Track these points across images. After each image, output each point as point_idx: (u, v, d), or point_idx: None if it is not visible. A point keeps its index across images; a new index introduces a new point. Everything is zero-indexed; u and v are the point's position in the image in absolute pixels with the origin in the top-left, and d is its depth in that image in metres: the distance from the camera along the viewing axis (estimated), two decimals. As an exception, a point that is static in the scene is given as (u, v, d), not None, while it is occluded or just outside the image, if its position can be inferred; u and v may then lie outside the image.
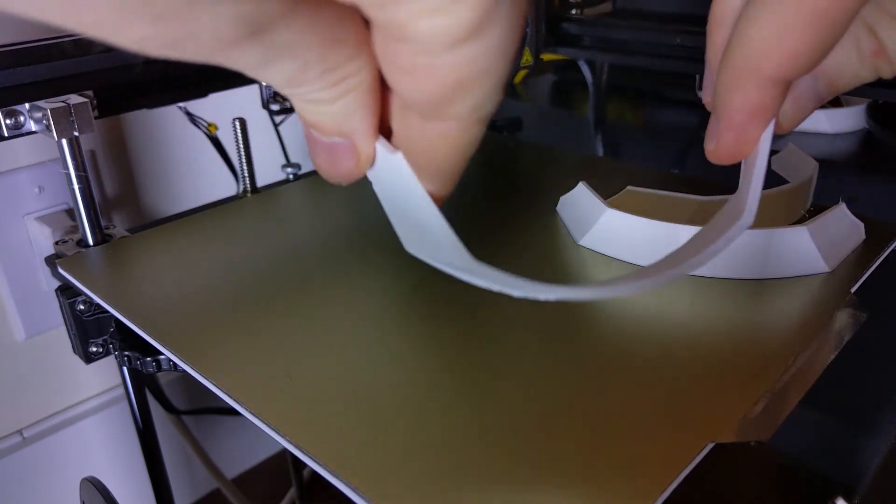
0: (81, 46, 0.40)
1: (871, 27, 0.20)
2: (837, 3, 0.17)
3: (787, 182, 0.38)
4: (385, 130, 0.17)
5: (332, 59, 0.14)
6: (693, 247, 0.20)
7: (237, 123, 0.47)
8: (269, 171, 0.58)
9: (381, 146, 0.17)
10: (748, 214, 0.20)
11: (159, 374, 0.53)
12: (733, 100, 0.20)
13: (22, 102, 0.38)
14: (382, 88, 0.16)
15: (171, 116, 0.62)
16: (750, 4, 0.18)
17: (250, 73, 0.14)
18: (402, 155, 0.16)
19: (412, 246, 0.19)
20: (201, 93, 0.48)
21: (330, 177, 0.17)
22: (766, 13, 0.18)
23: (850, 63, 0.21)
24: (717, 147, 0.21)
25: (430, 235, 0.17)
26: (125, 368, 0.43)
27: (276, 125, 0.62)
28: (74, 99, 0.38)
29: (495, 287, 0.18)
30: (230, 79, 0.49)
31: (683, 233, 0.33)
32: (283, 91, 0.15)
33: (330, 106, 0.15)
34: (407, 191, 0.17)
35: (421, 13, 0.12)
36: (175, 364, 0.30)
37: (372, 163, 0.17)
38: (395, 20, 0.13)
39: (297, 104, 0.16)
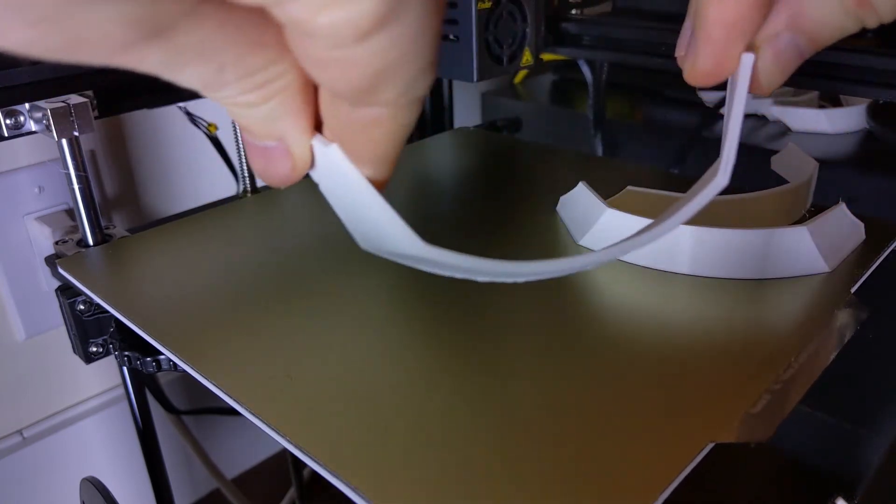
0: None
1: None
2: None
3: (787, 182, 0.38)
4: (319, 124, 0.17)
5: (251, 62, 0.14)
6: (668, 212, 0.20)
7: (237, 123, 0.47)
8: (269, 170, 0.58)
9: (317, 142, 0.16)
10: (722, 176, 0.19)
11: (159, 374, 0.53)
12: (710, 12, 0.19)
13: (22, 102, 0.38)
14: (314, 83, 0.16)
15: (171, 116, 0.62)
16: None
17: (162, 76, 0.14)
18: (337, 146, 0.16)
19: (366, 242, 0.18)
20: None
21: (268, 180, 0.17)
22: None
23: (833, 15, 0.20)
24: (695, 65, 0.20)
25: (378, 226, 0.17)
26: (125, 368, 0.43)
27: (275, 125, 0.62)
28: (74, 99, 0.38)
29: (458, 274, 0.18)
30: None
31: (683, 233, 0.33)
32: (205, 95, 0.15)
33: (257, 109, 0.15)
34: (348, 183, 0.16)
35: (317, 8, 0.12)
36: (175, 364, 0.30)
37: (310, 165, 0.17)
38: (293, 18, 0.12)
39: (226, 108, 0.16)
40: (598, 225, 0.36)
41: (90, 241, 0.41)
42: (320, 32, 0.12)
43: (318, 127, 0.16)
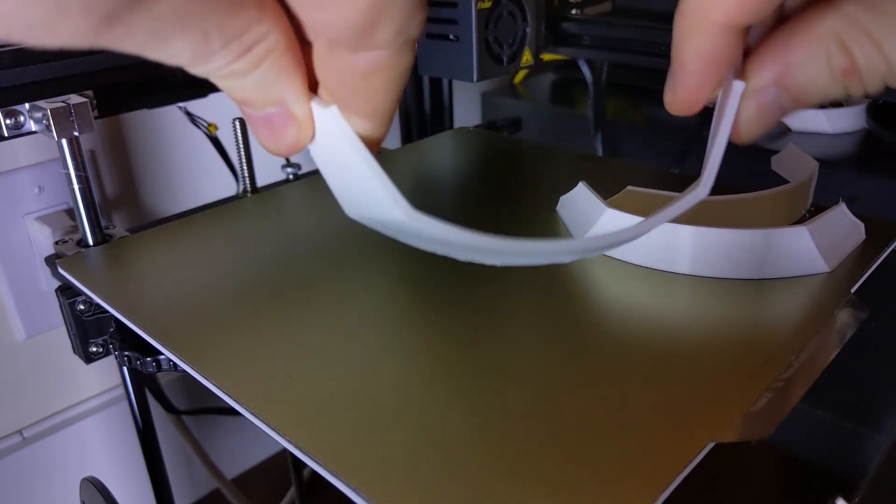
0: (81, 46, 0.40)
1: (845, 44, 0.19)
2: None
3: (787, 182, 0.38)
4: (314, 87, 0.17)
5: (233, 25, 0.14)
6: (649, 216, 0.21)
7: (237, 123, 0.47)
8: (269, 171, 0.58)
9: (315, 105, 0.17)
10: (703, 188, 0.20)
11: (159, 374, 0.53)
12: (686, 49, 0.20)
13: (22, 102, 0.38)
14: (302, 46, 0.16)
15: (171, 116, 0.62)
16: None
17: (152, 56, 0.14)
18: (336, 107, 0.16)
19: (353, 208, 0.19)
20: (201, 93, 0.48)
21: (277, 150, 0.17)
22: None
23: (821, 79, 0.20)
24: (674, 97, 0.22)
25: (369, 190, 0.17)
26: (125, 368, 0.43)
27: (275, 125, 0.62)
28: (74, 99, 0.38)
29: (440, 249, 0.18)
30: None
31: (683, 233, 0.33)
32: (196, 71, 0.15)
33: (249, 77, 0.15)
34: (343, 145, 0.17)
35: None
36: (175, 364, 0.30)
37: (313, 126, 0.17)
38: None
39: (219, 84, 0.16)
40: (598, 225, 0.36)
41: (90, 241, 0.41)
42: None
43: (313, 90, 0.17)
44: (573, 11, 0.61)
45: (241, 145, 0.48)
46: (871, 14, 0.18)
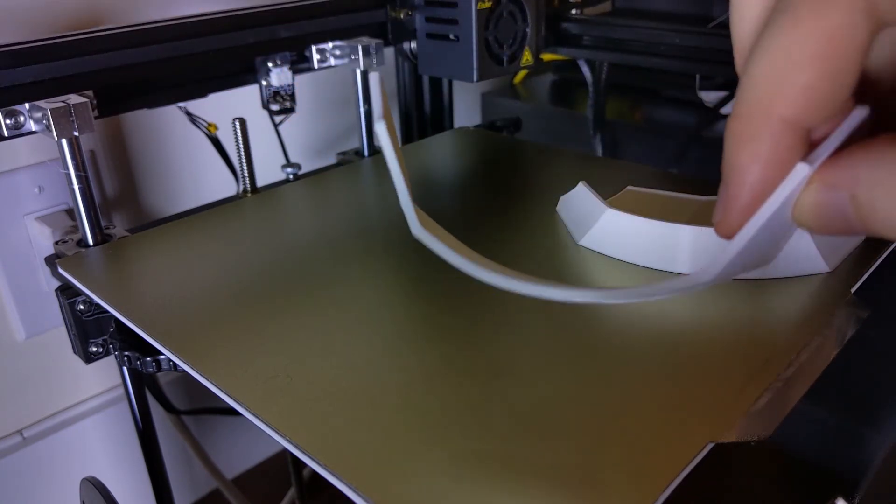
0: (81, 46, 0.40)
1: None
2: (849, 31, 0.15)
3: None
4: None
5: None
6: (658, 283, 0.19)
7: (237, 123, 0.47)
8: (269, 171, 0.58)
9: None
10: (707, 275, 0.18)
11: (159, 374, 0.53)
12: (743, 154, 0.17)
13: (22, 102, 0.38)
14: None
15: (171, 116, 0.61)
16: (757, 43, 0.16)
17: None
18: (383, 124, 0.21)
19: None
20: (201, 93, 0.48)
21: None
22: (774, 45, 0.16)
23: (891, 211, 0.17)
24: (726, 214, 0.18)
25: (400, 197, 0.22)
26: (125, 368, 0.43)
27: (276, 125, 0.62)
28: (74, 99, 0.38)
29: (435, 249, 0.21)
30: (230, 79, 0.49)
31: (683, 233, 0.33)
32: None
33: None
34: (386, 156, 0.21)
35: None
36: (175, 364, 0.30)
37: None
38: None
39: None
40: (598, 225, 0.36)
41: (90, 241, 0.41)
42: None
43: None
44: (573, 11, 0.61)
45: (241, 145, 0.48)
46: None
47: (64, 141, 0.38)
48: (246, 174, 0.48)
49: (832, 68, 0.16)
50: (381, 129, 0.20)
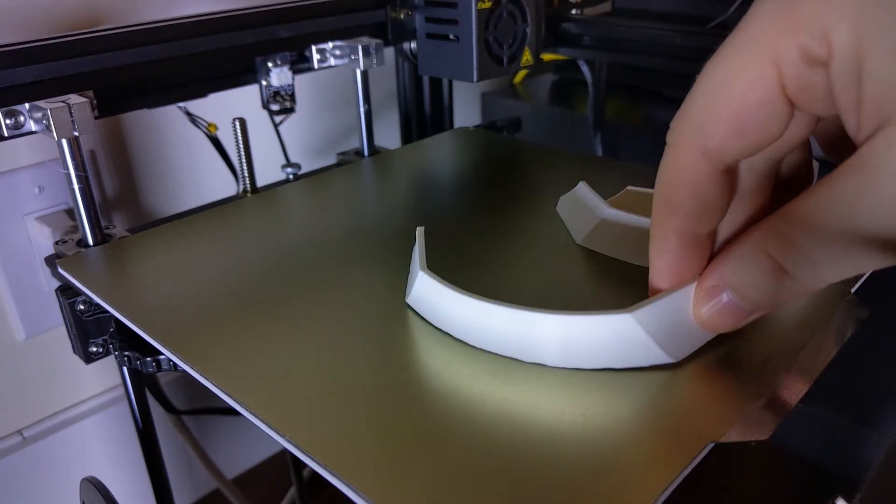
0: (81, 46, 0.40)
1: (768, 251, 0.21)
2: None
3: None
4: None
5: None
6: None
7: (237, 123, 0.47)
8: (269, 171, 0.58)
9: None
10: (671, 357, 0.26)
11: (159, 374, 0.53)
12: (652, 248, 0.25)
13: (22, 102, 0.38)
14: None
15: (171, 116, 0.62)
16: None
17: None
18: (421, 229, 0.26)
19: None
20: (201, 93, 0.48)
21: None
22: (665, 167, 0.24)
23: (756, 280, 0.22)
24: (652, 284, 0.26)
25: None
26: (125, 368, 0.43)
27: (276, 125, 0.62)
28: (74, 99, 0.38)
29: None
30: (230, 79, 0.49)
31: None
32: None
33: None
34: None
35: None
36: (175, 364, 0.30)
37: None
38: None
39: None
40: (599, 225, 0.36)
41: (90, 241, 0.41)
42: None
43: None
44: (573, 11, 0.61)
45: (241, 145, 0.48)
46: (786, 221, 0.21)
47: (64, 141, 0.38)
48: (246, 174, 0.48)
49: (693, 192, 0.23)
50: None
